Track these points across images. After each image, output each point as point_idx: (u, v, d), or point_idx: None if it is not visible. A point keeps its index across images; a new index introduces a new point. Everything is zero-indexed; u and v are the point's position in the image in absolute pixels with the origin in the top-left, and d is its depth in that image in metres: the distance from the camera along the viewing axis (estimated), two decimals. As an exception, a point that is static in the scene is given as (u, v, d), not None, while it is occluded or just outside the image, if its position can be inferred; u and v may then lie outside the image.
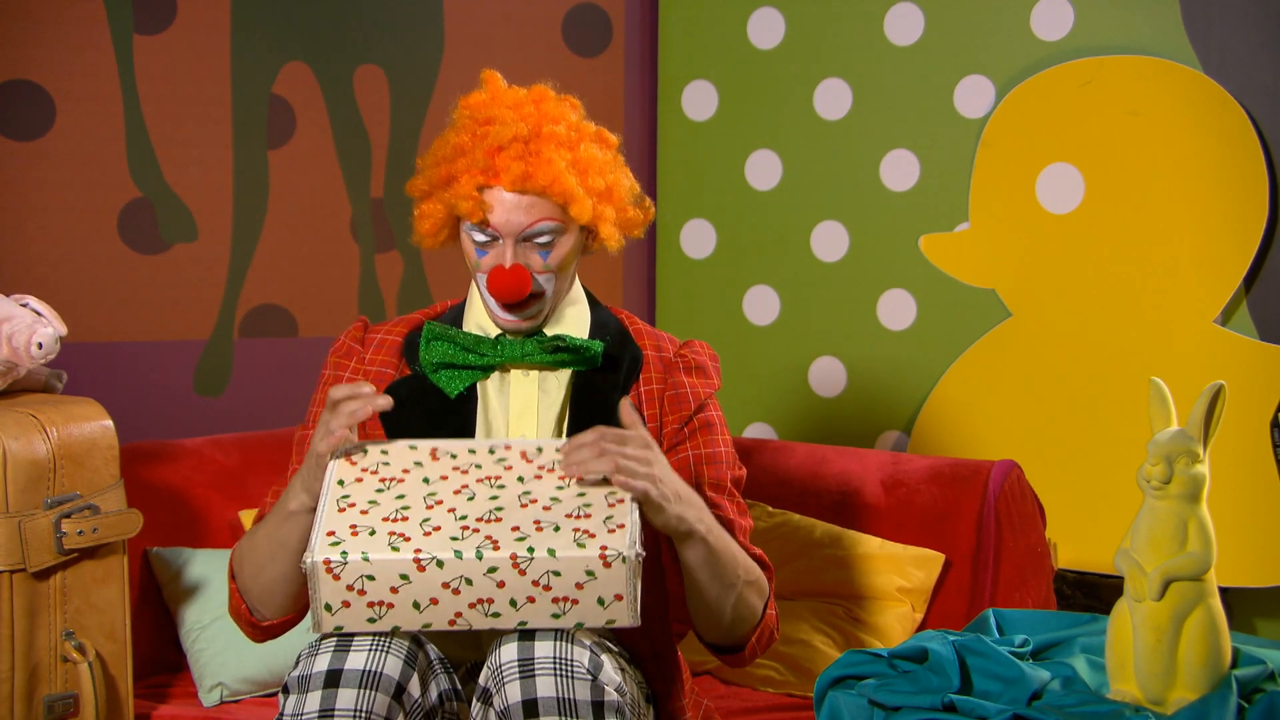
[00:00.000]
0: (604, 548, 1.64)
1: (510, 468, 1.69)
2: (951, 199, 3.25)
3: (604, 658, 1.70)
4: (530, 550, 1.64)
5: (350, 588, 1.65)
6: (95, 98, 2.96)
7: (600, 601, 1.65)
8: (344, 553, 1.64)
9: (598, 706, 1.65)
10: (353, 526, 1.68)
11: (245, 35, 3.13)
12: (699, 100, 3.55)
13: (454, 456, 1.76)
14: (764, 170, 3.48)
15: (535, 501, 1.71)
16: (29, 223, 2.91)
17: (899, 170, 3.32)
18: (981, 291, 3.23)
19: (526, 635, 1.68)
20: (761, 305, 3.50)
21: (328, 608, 1.66)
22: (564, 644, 1.68)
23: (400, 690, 1.69)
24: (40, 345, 2.14)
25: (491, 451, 1.77)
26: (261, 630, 1.97)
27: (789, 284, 3.47)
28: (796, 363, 3.46)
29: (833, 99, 3.39)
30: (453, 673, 1.84)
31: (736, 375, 3.48)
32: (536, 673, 1.65)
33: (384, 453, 1.77)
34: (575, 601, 1.65)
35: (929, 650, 1.86)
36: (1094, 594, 3.04)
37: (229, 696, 2.47)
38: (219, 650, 2.47)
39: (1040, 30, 3.15)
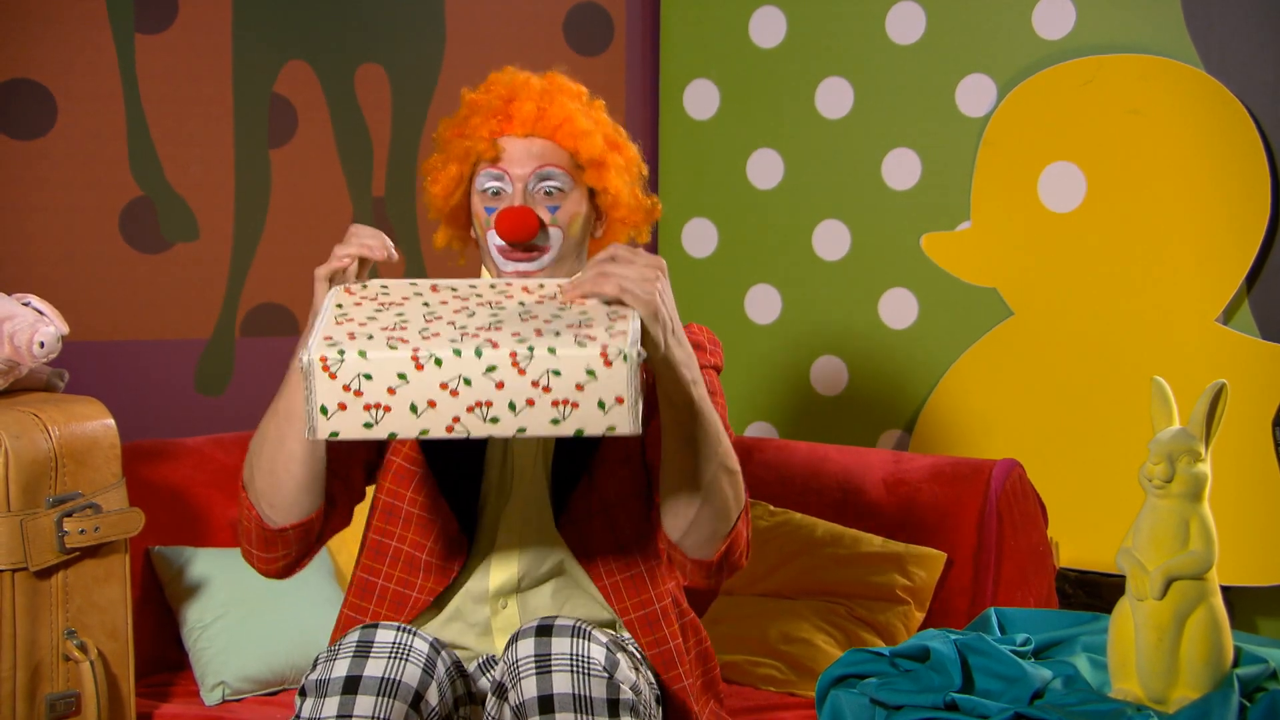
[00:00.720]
0: (605, 347, 1.61)
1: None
2: (953, 198, 3.25)
3: (619, 656, 1.70)
4: (530, 350, 1.61)
5: (347, 388, 1.60)
6: (96, 97, 2.96)
7: (600, 405, 1.60)
8: (341, 351, 1.61)
9: (613, 704, 1.65)
10: (350, 334, 1.65)
11: (246, 34, 3.13)
12: (700, 99, 3.55)
13: (454, 290, 1.73)
14: (765, 169, 3.48)
15: (536, 317, 1.67)
16: (30, 222, 2.91)
17: (900, 169, 3.32)
18: (983, 290, 3.23)
19: (544, 632, 1.68)
20: (763, 304, 3.50)
21: (323, 410, 1.61)
22: (580, 641, 1.68)
23: (418, 699, 1.69)
24: (42, 344, 2.14)
25: (493, 286, 1.75)
26: (271, 542, 1.87)
27: (790, 283, 3.47)
28: (798, 361, 3.46)
29: (834, 98, 3.39)
30: (468, 678, 1.84)
31: (738, 374, 3.48)
32: (553, 669, 1.65)
33: (384, 287, 1.74)
34: (575, 405, 1.61)
35: (931, 649, 1.86)
36: (1096, 593, 3.04)
37: (231, 695, 2.47)
38: (221, 649, 2.47)
39: (1041, 29, 3.15)
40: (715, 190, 3.54)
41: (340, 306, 1.71)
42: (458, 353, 1.60)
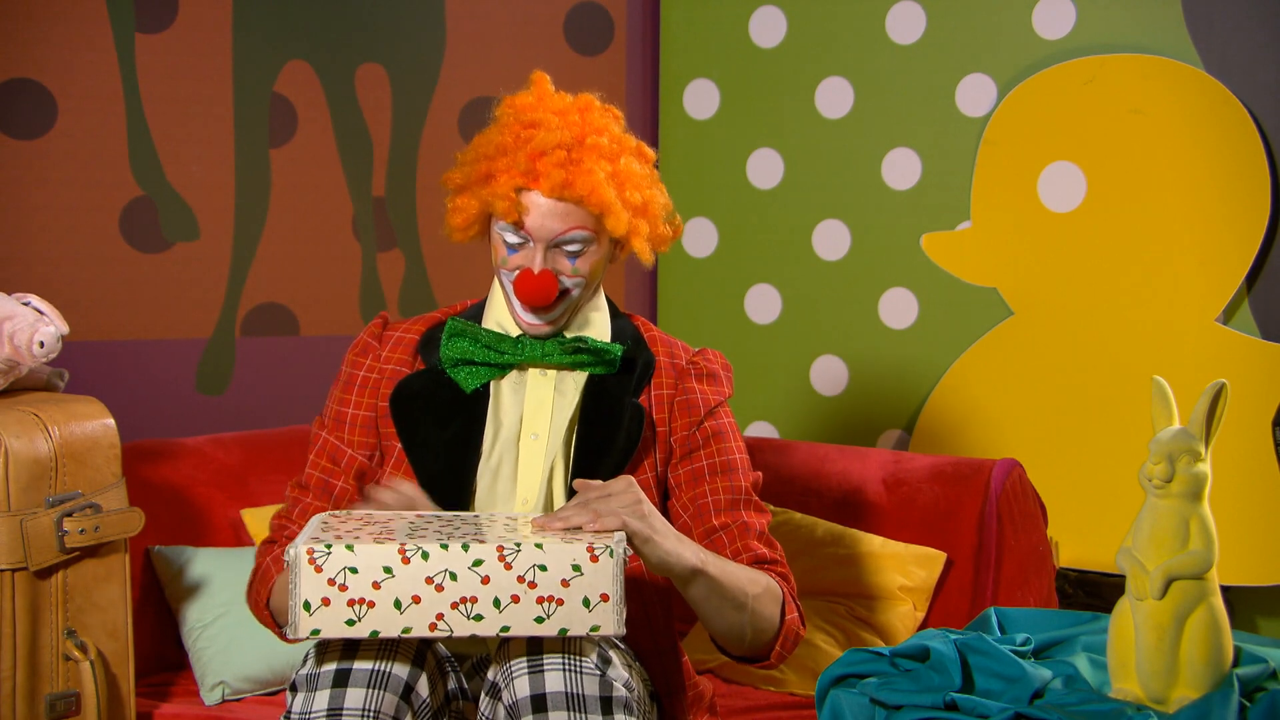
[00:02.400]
0: (591, 544, 1.64)
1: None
2: (953, 198, 3.25)
3: (612, 654, 1.71)
4: (517, 545, 1.63)
5: (331, 581, 1.62)
6: (97, 96, 2.96)
7: (585, 603, 1.63)
8: (328, 545, 1.63)
9: (606, 702, 1.65)
10: (337, 535, 1.68)
11: (247, 34, 3.13)
12: (700, 99, 3.55)
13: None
14: (765, 169, 3.48)
15: (518, 530, 1.71)
16: (31, 221, 2.91)
17: (900, 169, 3.32)
18: (983, 290, 3.23)
19: None
20: (763, 304, 3.50)
21: (306, 606, 1.62)
22: (573, 639, 1.68)
23: (409, 690, 1.69)
24: (42, 344, 2.14)
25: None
26: (293, 640, 1.99)
27: (790, 283, 3.47)
28: (798, 361, 3.46)
29: (834, 97, 3.39)
30: (459, 672, 1.84)
31: (738, 374, 3.45)
32: (545, 668, 1.66)
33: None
34: (560, 601, 1.63)
35: (931, 649, 1.86)
36: (1096, 593, 3.04)
37: (231, 695, 2.47)
38: (221, 649, 2.47)
39: (1042, 29, 3.15)
40: (715, 190, 3.54)
41: (325, 524, 1.73)
42: (444, 546, 1.63)
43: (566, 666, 1.66)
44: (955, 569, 2.66)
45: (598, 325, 2.04)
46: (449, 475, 1.95)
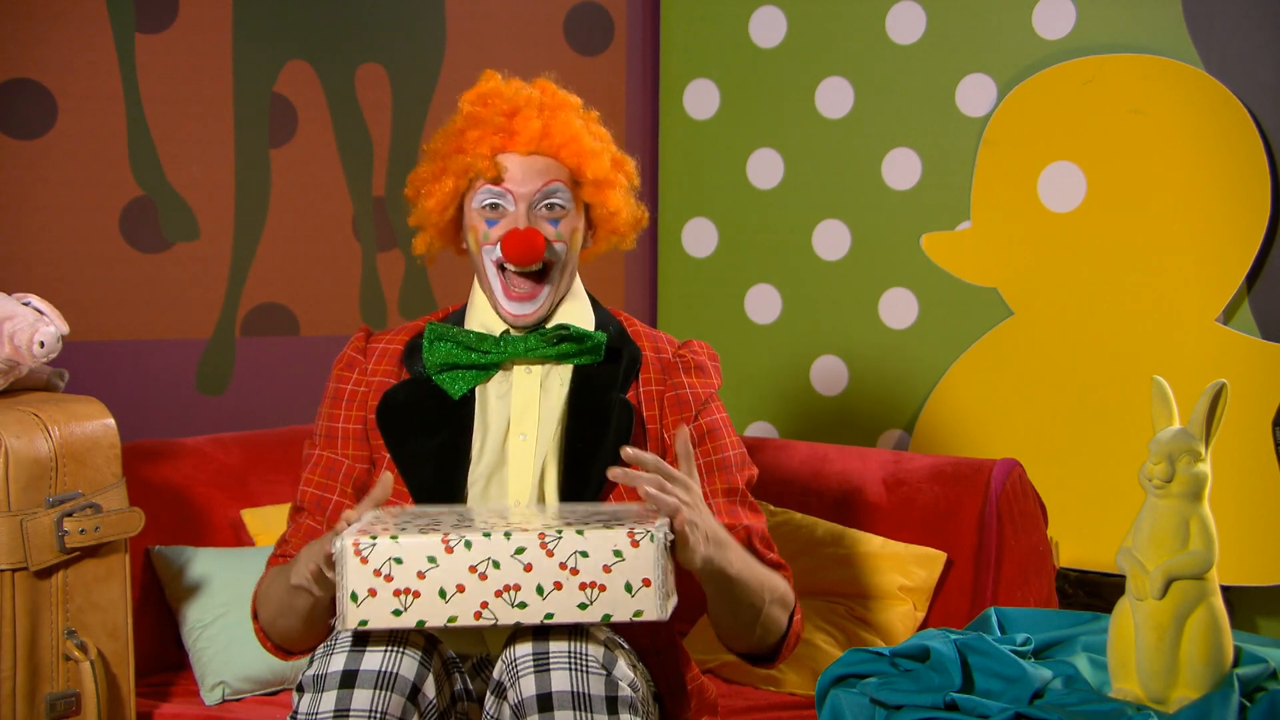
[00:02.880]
0: (632, 529, 1.64)
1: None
2: (953, 197, 3.25)
3: (617, 653, 1.71)
4: (559, 532, 1.64)
5: (377, 573, 1.64)
6: (97, 96, 2.96)
7: (628, 588, 1.63)
8: (373, 536, 1.65)
9: (611, 701, 1.65)
10: (384, 527, 1.70)
11: (247, 34, 3.13)
12: (700, 99, 3.55)
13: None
14: (765, 169, 3.48)
15: (572, 512, 1.73)
16: (31, 221, 2.91)
17: (900, 169, 3.32)
18: (983, 290, 3.23)
19: (541, 630, 1.68)
20: (763, 304, 3.50)
21: (353, 597, 1.64)
22: (578, 639, 1.68)
23: (415, 691, 1.69)
24: (42, 344, 2.14)
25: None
26: (291, 656, 2.01)
27: (790, 283, 3.47)
28: (798, 361, 3.46)
29: (834, 98, 3.39)
30: (465, 673, 1.84)
31: (738, 374, 3.48)
32: (551, 667, 1.65)
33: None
34: (603, 588, 1.64)
35: (931, 649, 1.86)
36: (1096, 593, 3.04)
37: (231, 695, 2.47)
38: (221, 649, 2.47)
39: (1042, 29, 3.15)
40: (715, 190, 3.54)
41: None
42: (487, 535, 1.64)
43: (572, 666, 1.66)
44: (955, 569, 2.66)
45: (579, 314, 2.03)
46: (440, 484, 1.95)
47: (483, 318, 2.02)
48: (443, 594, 1.64)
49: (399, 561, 1.64)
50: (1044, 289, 3.16)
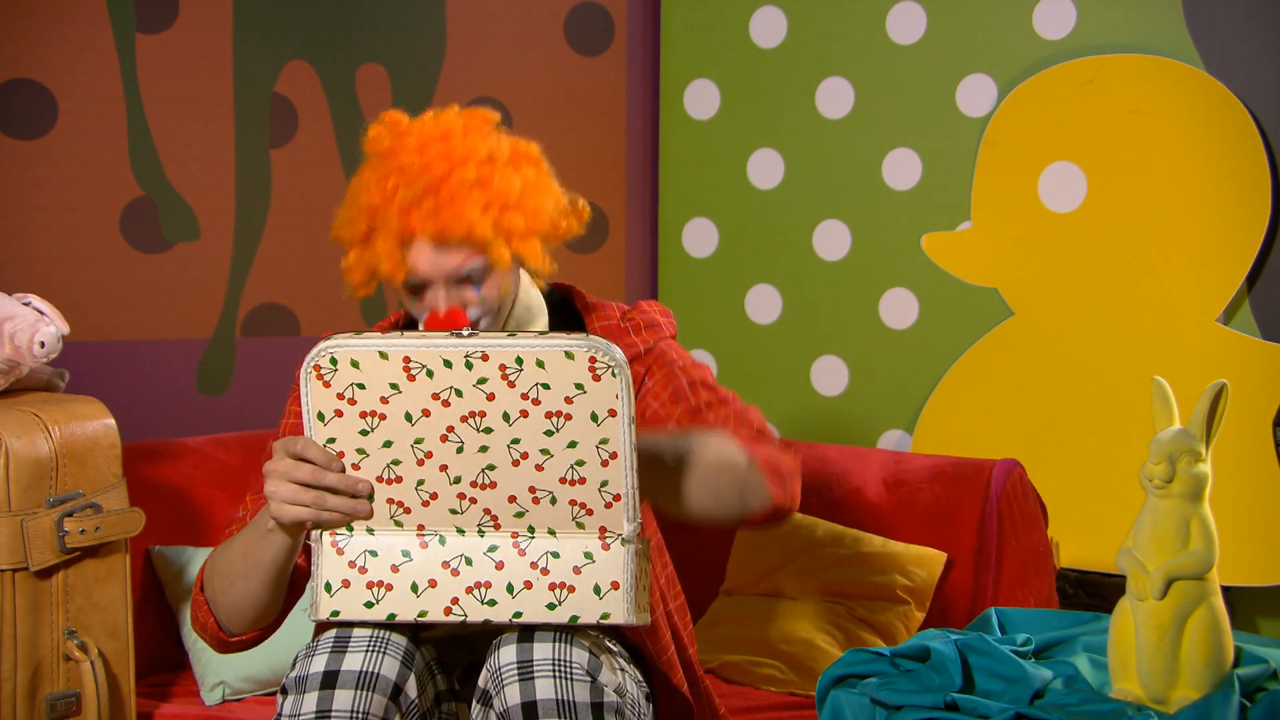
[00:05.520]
0: (603, 528, 1.64)
1: (493, 397, 1.61)
2: (953, 198, 3.25)
3: (602, 659, 1.70)
4: (530, 530, 1.65)
5: (352, 564, 1.66)
6: (97, 96, 2.96)
7: (596, 590, 1.64)
8: (349, 526, 1.66)
9: (597, 708, 1.65)
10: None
11: (247, 34, 3.13)
12: (701, 99, 3.55)
13: (430, 375, 1.64)
14: (766, 169, 3.48)
15: (527, 456, 1.64)
16: (31, 221, 2.91)
17: (901, 169, 3.32)
18: (983, 290, 3.23)
19: (525, 637, 1.68)
20: (763, 304, 3.50)
21: (327, 588, 1.66)
22: (563, 645, 1.68)
23: (397, 691, 1.69)
24: (43, 344, 2.14)
25: (469, 366, 1.63)
26: (227, 645, 1.92)
27: (791, 283, 3.47)
28: (798, 362, 3.46)
29: (835, 98, 3.39)
30: (449, 674, 1.84)
31: (738, 374, 3.48)
32: (536, 675, 1.65)
33: (354, 364, 1.67)
34: (571, 589, 1.64)
35: (931, 649, 1.86)
36: (1096, 593, 3.04)
37: (231, 695, 2.47)
38: (221, 649, 2.47)
39: (1042, 29, 3.15)
40: (715, 190, 3.54)
41: (322, 418, 1.66)
42: (461, 532, 1.65)
43: (556, 674, 1.65)
44: (955, 569, 2.66)
45: (531, 323, 2.00)
46: None
47: None
48: (415, 588, 1.66)
49: (374, 554, 1.66)
50: (1044, 289, 3.16)
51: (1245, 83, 2.94)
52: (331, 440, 1.64)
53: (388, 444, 1.63)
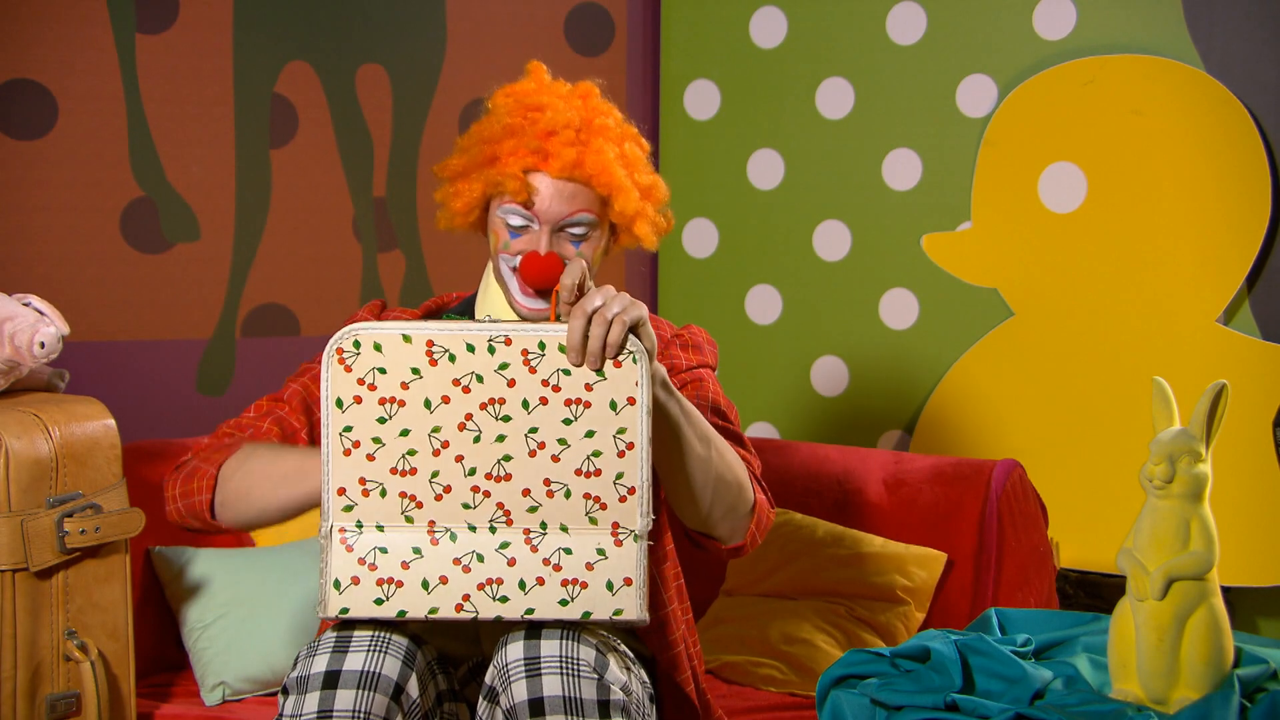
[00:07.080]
0: (616, 524, 1.64)
1: (514, 383, 1.62)
2: (954, 198, 3.25)
3: (609, 657, 1.71)
4: (543, 526, 1.64)
5: (362, 561, 1.65)
6: (97, 97, 2.96)
7: (609, 586, 1.64)
8: (359, 523, 1.65)
9: (604, 705, 1.65)
10: (362, 480, 1.65)
11: (247, 34, 3.13)
12: (701, 99, 3.55)
13: (452, 360, 1.64)
14: (766, 169, 3.48)
15: (544, 446, 1.65)
16: (31, 222, 2.91)
17: (901, 169, 3.32)
18: (983, 291, 3.23)
19: (533, 634, 1.68)
20: (763, 304, 3.50)
21: (336, 585, 1.65)
22: (570, 643, 1.68)
23: (399, 691, 1.69)
24: (43, 344, 2.14)
25: (492, 351, 1.64)
26: (201, 525, 1.91)
27: (791, 283, 3.47)
28: (798, 362, 3.46)
29: (835, 98, 3.39)
30: (450, 673, 1.84)
31: (738, 374, 3.48)
32: (543, 671, 1.65)
33: (377, 348, 1.66)
34: (584, 585, 1.65)
35: (931, 649, 1.86)
36: (1096, 593, 3.04)
37: (231, 695, 2.47)
38: (221, 649, 2.47)
39: (1042, 29, 3.15)
40: (716, 190, 3.54)
41: (340, 405, 1.65)
42: (472, 528, 1.64)
43: (563, 670, 1.66)
44: (955, 569, 2.66)
45: None
46: None
47: (492, 309, 2.02)
48: (425, 585, 1.65)
49: (383, 551, 1.65)
50: (1044, 289, 3.16)
51: (1245, 83, 2.94)
52: (348, 429, 1.64)
53: (405, 433, 1.63)
